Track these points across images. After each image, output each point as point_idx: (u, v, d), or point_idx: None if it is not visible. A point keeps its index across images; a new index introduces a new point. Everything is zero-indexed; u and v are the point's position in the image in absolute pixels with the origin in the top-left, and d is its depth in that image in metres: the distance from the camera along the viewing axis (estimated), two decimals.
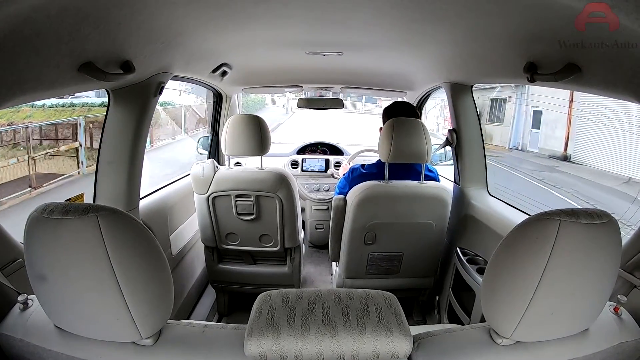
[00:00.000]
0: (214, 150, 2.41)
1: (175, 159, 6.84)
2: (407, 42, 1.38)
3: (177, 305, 1.78)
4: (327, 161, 2.79)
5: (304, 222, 2.79)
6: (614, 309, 0.75)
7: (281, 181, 1.74)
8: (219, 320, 2.08)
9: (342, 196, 1.68)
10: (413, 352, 0.67)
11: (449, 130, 1.76)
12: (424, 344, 0.69)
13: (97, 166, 1.30)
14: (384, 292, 0.67)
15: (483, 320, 0.71)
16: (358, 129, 10.88)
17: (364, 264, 1.71)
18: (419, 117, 1.82)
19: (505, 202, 1.63)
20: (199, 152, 2.43)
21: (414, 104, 2.28)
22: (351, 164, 2.49)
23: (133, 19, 0.92)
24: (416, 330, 0.80)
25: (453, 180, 1.86)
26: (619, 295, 0.75)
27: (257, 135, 1.72)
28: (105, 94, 1.25)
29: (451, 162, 1.89)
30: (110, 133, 1.27)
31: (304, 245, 2.10)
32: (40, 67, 0.79)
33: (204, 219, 1.82)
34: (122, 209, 0.61)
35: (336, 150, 2.92)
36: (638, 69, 0.75)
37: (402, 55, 1.63)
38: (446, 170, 2.07)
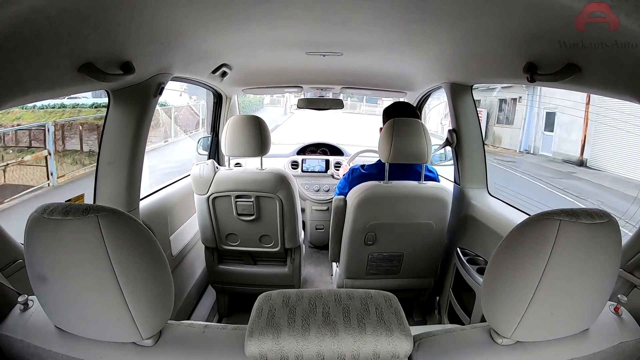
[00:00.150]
0: (214, 150, 2.42)
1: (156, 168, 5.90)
2: (407, 42, 1.38)
3: (177, 306, 1.78)
4: (327, 162, 2.79)
5: (304, 223, 2.79)
6: (614, 308, 0.75)
7: (281, 182, 1.74)
8: (219, 321, 2.08)
9: (342, 197, 1.68)
10: (413, 352, 0.67)
11: (449, 131, 1.77)
12: (424, 344, 0.69)
13: (97, 167, 1.30)
14: (384, 292, 0.67)
15: (483, 320, 0.71)
16: (358, 129, 10.81)
17: (364, 265, 1.71)
18: (419, 117, 1.82)
19: (505, 202, 1.63)
20: (199, 153, 2.43)
21: (414, 104, 2.28)
22: (351, 165, 2.50)
23: (133, 19, 0.92)
24: (416, 330, 0.80)
25: (453, 180, 1.86)
26: (619, 295, 0.75)
27: (257, 135, 1.72)
28: (103, 95, 1.25)
29: (451, 162, 1.89)
30: (110, 134, 1.27)
31: (304, 245, 2.10)
32: (40, 68, 0.79)
33: (204, 219, 1.82)
34: (122, 210, 0.61)
35: (336, 151, 2.92)
36: (638, 69, 0.75)
37: (402, 55, 1.63)
38: (446, 171, 2.07)
